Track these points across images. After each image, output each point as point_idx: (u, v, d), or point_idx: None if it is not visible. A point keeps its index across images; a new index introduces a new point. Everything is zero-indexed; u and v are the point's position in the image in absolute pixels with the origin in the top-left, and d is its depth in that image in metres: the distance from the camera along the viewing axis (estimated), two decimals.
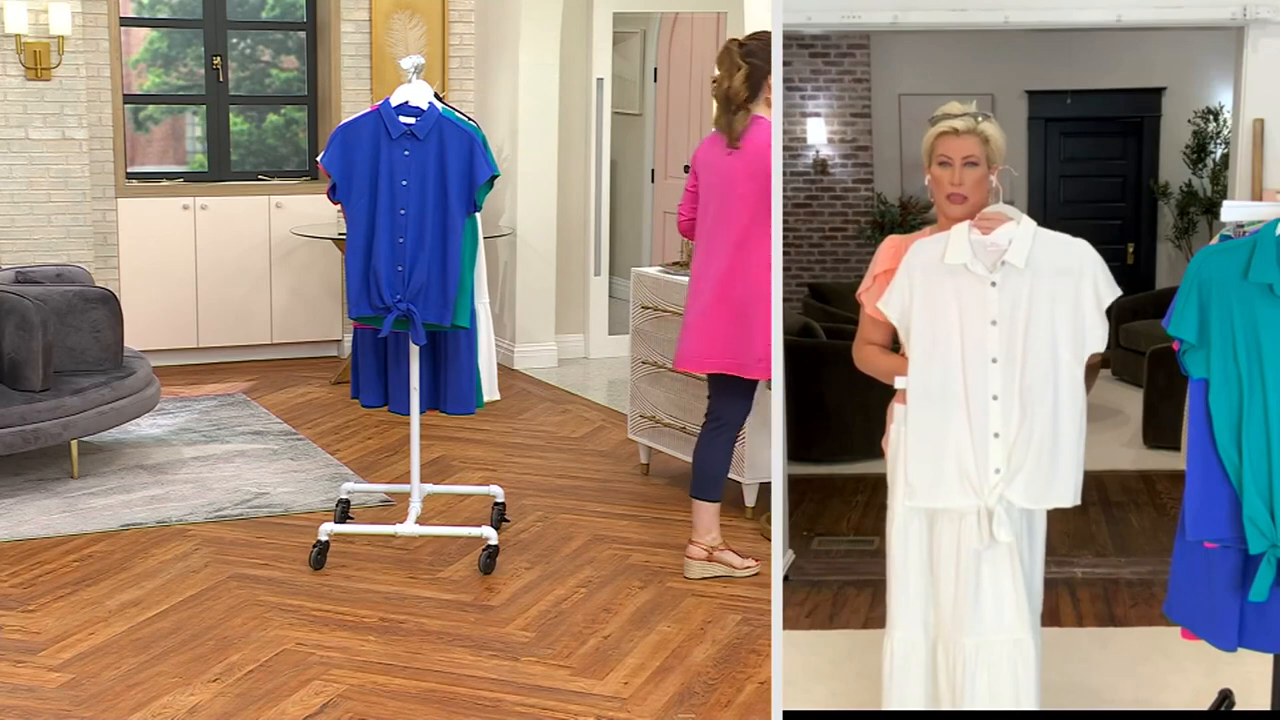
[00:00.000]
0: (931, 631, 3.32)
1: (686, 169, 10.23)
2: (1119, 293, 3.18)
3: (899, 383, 3.27)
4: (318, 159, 5.36)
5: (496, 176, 5.16)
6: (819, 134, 5.89)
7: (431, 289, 5.11)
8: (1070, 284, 3.17)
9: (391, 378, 5.41)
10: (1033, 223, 3.19)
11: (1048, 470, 3.16)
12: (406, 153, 5.11)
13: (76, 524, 5.75)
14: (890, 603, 3.35)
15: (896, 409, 3.29)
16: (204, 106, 8.96)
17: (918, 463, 3.21)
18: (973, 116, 3.32)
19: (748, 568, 5.25)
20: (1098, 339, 3.19)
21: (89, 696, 4.25)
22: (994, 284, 3.17)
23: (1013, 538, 3.20)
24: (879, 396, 3.47)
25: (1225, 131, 5.75)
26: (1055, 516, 3.29)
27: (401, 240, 5.11)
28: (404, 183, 5.11)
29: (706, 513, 5.25)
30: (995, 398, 3.17)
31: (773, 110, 3.47)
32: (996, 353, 3.17)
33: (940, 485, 3.20)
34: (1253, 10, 4.45)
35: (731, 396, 5.23)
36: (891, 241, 3.43)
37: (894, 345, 3.42)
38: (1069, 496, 3.19)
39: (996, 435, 3.17)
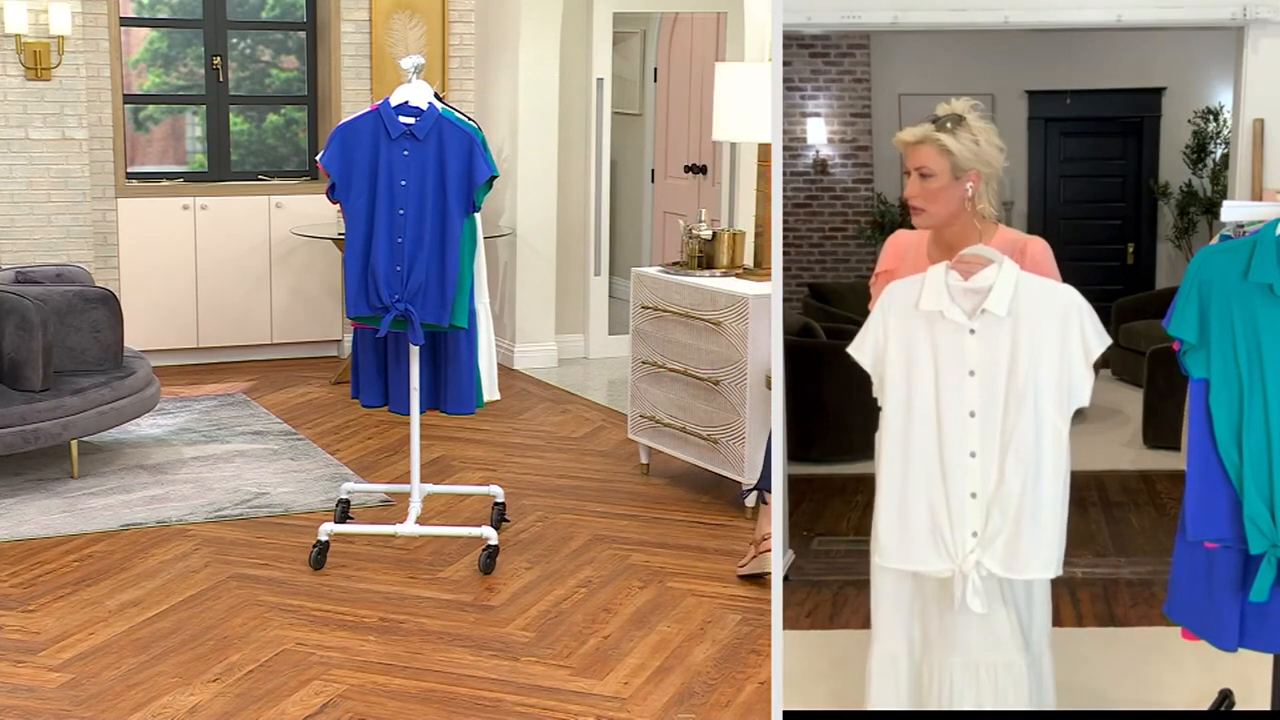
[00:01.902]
0: (916, 648, 3.20)
1: (687, 169, 10.27)
2: (1109, 342, 3.02)
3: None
4: (317, 158, 5.36)
5: (496, 177, 5.16)
6: (819, 134, 5.89)
7: (430, 289, 5.11)
8: (1056, 334, 2.98)
9: (391, 378, 5.40)
10: (1015, 266, 3.02)
11: (1029, 536, 2.98)
12: (406, 153, 5.11)
13: (76, 524, 5.75)
14: (873, 614, 3.22)
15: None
16: (204, 106, 8.96)
17: (888, 521, 3.03)
18: (943, 121, 3.19)
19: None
20: (1083, 394, 3.01)
21: (89, 696, 4.25)
22: (973, 331, 2.99)
23: (987, 609, 3.03)
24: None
25: (1225, 131, 5.74)
26: None
27: (400, 240, 5.11)
28: (403, 182, 5.10)
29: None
30: (973, 454, 2.99)
31: (772, 111, 3.45)
32: (975, 405, 2.99)
33: (912, 547, 3.02)
34: (1253, 10, 4.46)
35: None
36: (896, 237, 3.37)
37: None
38: (1050, 567, 3.01)
39: (974, 495, 2.99)
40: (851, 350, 3.09)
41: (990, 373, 3.00)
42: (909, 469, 3.02)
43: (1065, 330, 3.00)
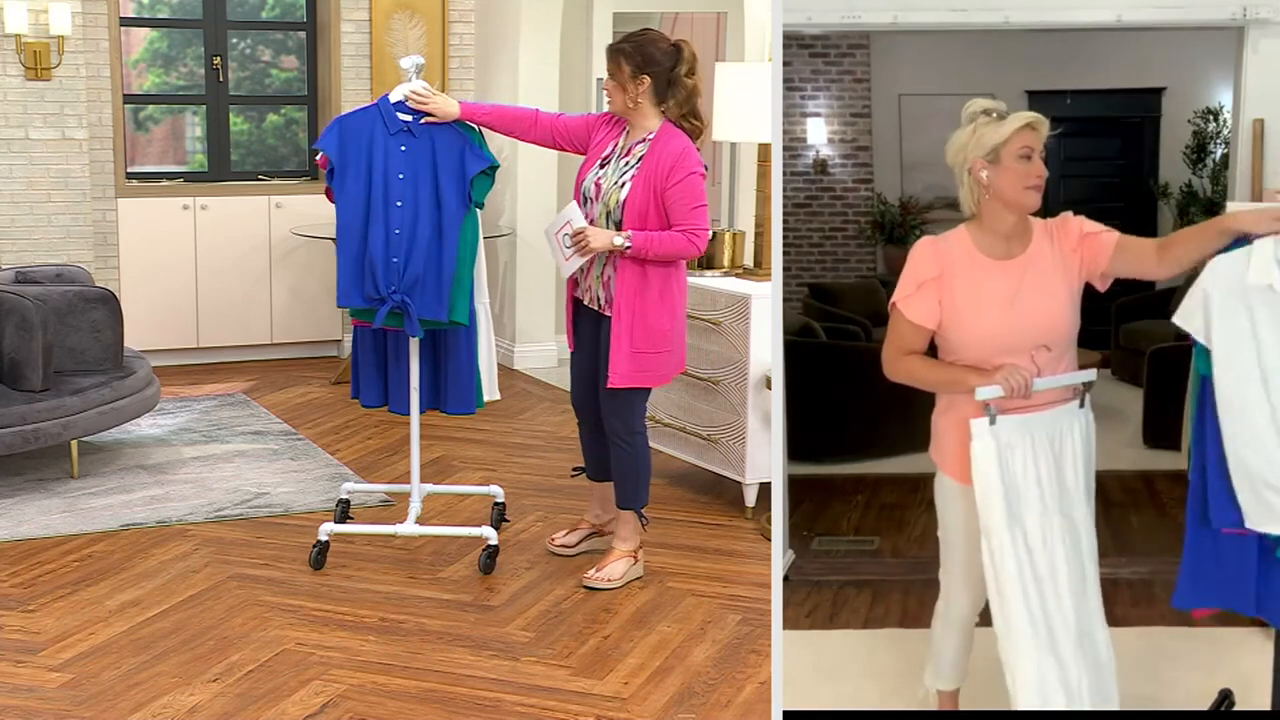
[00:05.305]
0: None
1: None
2: None
3: (981, 394, 3.15)
4: (315, 144, 5.36)
5: (496, 167, 5.16)
6: (819, 134, 5.89)
7: (427, 281, 5.09)
8: None
9: (391, 377, 5.40)
10: None
11: None
12: (403, 148, 5.11)
13: (76, 524, 5.75)
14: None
15: (975, 424, 3.17)
16: (204, 106, 8.96)
17: (1235, 481, 3.07)
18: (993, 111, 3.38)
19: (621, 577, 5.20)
20: None
21: (89, 696, 4.25)
22: None
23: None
24: (879, 396, 3.45)
25: (1225, 131, 5.74)
26: None
27: (398, 231, 5.10)
28: (400, 176, 5.11)
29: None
30: None
31: (772, 111, 3.44)
32: None
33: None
34: (1253, 10, 4.46)
35: None
36: (930, 245, 3.32)
37: (929, 352, 3.32)
38: None
39: None
40: (1178, 319, 3.11)
41: None
42: (1244, 430, 3.05)
43: None
